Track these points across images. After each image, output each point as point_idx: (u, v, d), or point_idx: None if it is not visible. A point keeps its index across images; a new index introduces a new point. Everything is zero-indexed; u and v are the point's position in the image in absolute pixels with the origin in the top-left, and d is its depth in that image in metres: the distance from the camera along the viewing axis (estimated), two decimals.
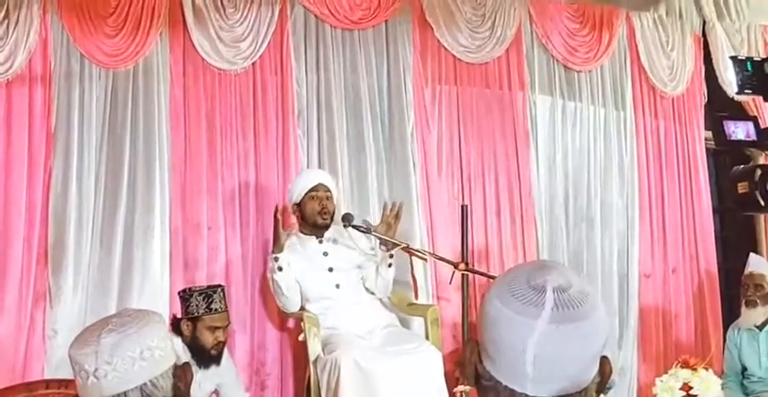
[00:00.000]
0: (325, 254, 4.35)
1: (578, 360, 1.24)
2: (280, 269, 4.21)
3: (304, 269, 4.30)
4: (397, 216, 4.33)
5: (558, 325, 1.22)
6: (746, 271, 4.83)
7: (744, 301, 4.79)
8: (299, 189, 4.36)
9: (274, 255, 4.21)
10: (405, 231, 4.89)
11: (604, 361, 1.31)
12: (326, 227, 4.36)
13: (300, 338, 4.20)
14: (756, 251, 6.06)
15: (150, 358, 1.74)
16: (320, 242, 4.36)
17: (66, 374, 3.63)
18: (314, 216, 4.32)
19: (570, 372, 1.24)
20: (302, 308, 4.38)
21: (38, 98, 4.64)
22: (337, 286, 4.33)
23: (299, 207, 4.37)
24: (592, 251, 5.55)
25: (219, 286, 3.95)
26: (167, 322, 3.75)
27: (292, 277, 4.26)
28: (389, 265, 4.31)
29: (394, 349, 4.03)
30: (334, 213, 4.40)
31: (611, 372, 1.32)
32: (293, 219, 4.57)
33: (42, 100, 4.64)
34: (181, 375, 1.82)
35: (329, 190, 4.38)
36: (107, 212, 4.67)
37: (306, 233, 4.34)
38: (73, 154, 4.64)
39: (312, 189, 4.33)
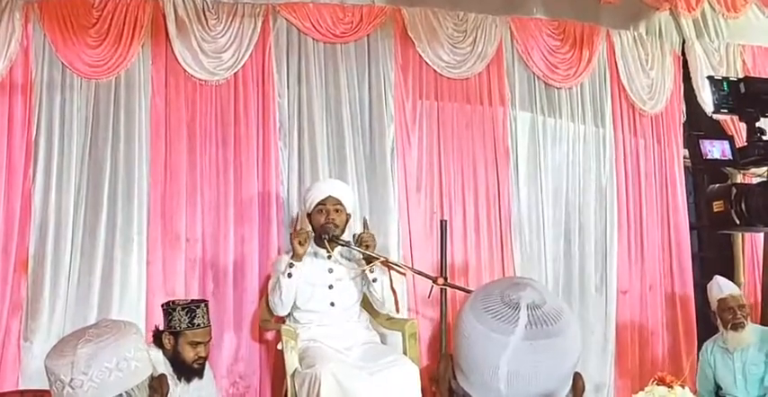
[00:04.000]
0: (330, 271, 4.34)
1: (551, 377, 1.25)
2: (290, 275, 4.19)
3: (307, 280, 4.29)
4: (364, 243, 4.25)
5: (532, 342, 1.22)
6: (723, 295, 4.72)
7: (730, 325, 4.68)
8: (309, 200, 4.36)
9: (291, 261, 4.19)
10: (384, 245, 4.90)
11: (577, 377, 1.31)
12: (334, 239, 4.31)
13: (279, 346, 4.19)
14: (733, 268, 6.11)
15: (126, 369, 1.74)
16: (329, 256, 4.34)
17: (41, 384, 3.60)
18: (319, 229, 4.30)
19: (543, 389, 1.24)
20: (288, 314, 4.37)
21: (18, 107, 4.63)
22: (332, 303, 4.32)
23: (310, 217, 4.37)
24: (570, 267, 5.57)
25: (203, 300, 3.93)
26: (147, 333, 3.74)
27: (295, 287, 4.23)
28: (374, 280, 4.30)
29: (372, 364, 4.02)
30: (344, 228, 4.36)
31: (583, 388, 1.32)
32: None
33: (23, 109, 4.64)
34: (157, 387, 1.82)
35: (339, 203, 4.36)
36: (88, 222, 4.66)
37: (318, 245, 4.33)
38: (53, 164, 4.64)
39: (321, 202, 4.31)
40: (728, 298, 4.71)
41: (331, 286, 4.32)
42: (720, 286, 4.77)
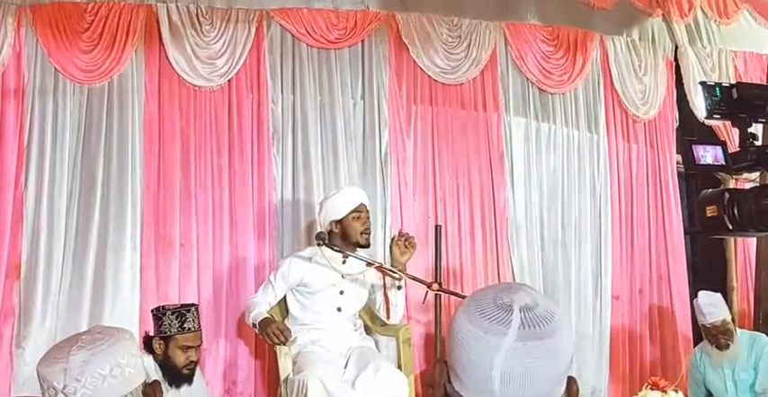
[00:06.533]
0: (343, 277, 4.33)
1: (545, 379, 1.25)
2: (254, 325, 4.18)
3: (318, 283, 4.27)
4: (409, 244, 4.37)
5: (525, 343, 1.23)
6: (705, 322, 4.68)
7: (714, 345, 4.70)
8: (342, 207, 4.30)
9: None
10: (378, 250, 4.90)
11: (571, 381, 1.32)
12: (367, 247, 4.33)
13: (275, 347, 4.17)
14: (726, 273, 6.13)
15: (120, 376, 1.73)
16: (344, 262, 4.28)
17: (33, 391, 3.59)
18: (356, 236, 4.28)
19: (537, 391, 1.25)
20: (287, 313, 4.37)
21: (11, 112, 4.62)
22: (339, 309, 4.32)
23: (341, 224, 4.32)
24: (564, 272, 5.58)
25: (193, 305, 3.91)
26: (139, 339, 3.72)
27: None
28: (399, 287, 4.32)
29: (361, 371, 4.01)
30: None
31: (577, 391, 1.33)
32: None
33: (15, 114, 4.62)
34: (150, 393, 1.81)
35: (368, 211, 4.38)
36: (80, 228, 4.64)
37: (335, 249, 4.24)
38: (45, 170, 4.62)
39: (356, 209, 4.30)
40: (710, 327, 4.69)
41: (342, 292, 4.31)
42: (703, 312, 4.69)
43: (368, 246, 4.34)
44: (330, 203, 4.37)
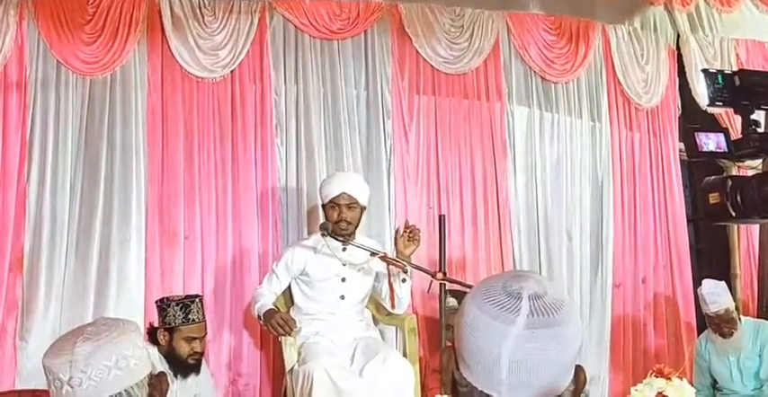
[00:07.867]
0: (344, 264, 4.33)
1: (553, 367, 1.26)
2: (259, 317, 4.19)
3: (320, 272, 4.29)
4: (412, 237, 4.30)
5: (534, 331, 1.24)
6: (708, 310, 4.68)
7: (718, 333, 4.71)
8: (324, 194, 4.34)
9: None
10: (382, 240, 4.90)
11: (579, 369, 1.32)
12: (347, 236, 4.30)
13: (281, 338, 4.18)
14: (729, 260, 6.13)
15: (126, 368, 1.73)
16: (344, 249, 4.31)
17: (37, 384, 3.61)
18: (332, 225, 4.28)
19: (545, 378, 1.25)
20: (293, 303, 4.39)
21: (13, 105, 4.62)
22: (342, 297, 4.32)
23: (324, 209, 4.35)
24: (567, 261, 5.57)
25: (197, 296, 3.93)
26: (143, 331, 3.73)
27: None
28: (403, 280, 4.31)
29: (367, 361, 4.02)
30: (358, 222, 4.35)
31: (585, 380, 1.33)
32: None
33: (18, 107, 4.62)
34: (156, 385, 1.81)
35: (354, 200, 4.31)
36: (83, 220, 4.65)
37: (338, 239, 4.25)
38: (48, 162, 4.63)
39: (334, 199, 4.28)
40: (713, 316, 4.69)
41: (344, 279, 4.31)
42: (706, 302, 4.69)
43: (346, 235, 4.27)
44: (320, 188, 4.42)
